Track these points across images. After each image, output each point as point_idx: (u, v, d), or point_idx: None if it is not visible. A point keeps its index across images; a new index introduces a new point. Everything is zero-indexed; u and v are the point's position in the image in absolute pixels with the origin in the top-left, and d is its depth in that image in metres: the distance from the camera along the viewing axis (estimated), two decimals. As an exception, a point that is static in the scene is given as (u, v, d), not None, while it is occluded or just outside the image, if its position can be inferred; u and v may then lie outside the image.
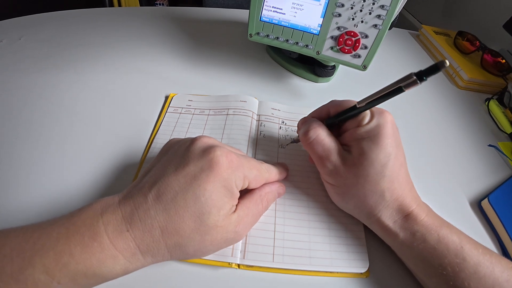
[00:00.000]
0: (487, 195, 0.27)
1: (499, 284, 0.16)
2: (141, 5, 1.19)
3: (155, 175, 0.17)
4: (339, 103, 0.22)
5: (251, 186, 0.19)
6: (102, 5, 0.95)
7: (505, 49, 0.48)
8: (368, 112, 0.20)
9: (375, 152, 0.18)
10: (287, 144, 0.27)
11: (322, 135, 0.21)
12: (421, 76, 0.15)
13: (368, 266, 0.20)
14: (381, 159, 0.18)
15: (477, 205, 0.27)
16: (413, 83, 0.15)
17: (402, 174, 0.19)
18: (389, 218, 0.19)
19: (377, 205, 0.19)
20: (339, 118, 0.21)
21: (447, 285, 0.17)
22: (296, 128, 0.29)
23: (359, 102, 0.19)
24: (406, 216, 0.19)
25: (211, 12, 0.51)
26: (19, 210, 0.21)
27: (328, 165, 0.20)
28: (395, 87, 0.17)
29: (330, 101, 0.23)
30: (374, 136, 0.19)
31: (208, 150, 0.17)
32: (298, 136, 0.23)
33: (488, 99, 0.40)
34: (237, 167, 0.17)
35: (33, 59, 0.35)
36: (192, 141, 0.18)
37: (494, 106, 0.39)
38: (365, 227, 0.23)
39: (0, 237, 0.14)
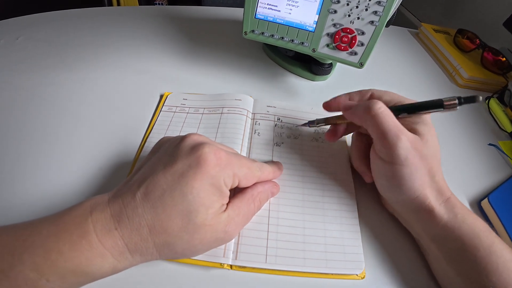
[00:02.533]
0: (487, 195, 0.26)
1: None
2: (140, 4, 1.19)
3: (144, 173, 0.17)
4: (381, 95, 0.23)
5: (242, 185, 0.19)
6: (101, 4, 0.95)
7: (506, 47, 0.47)
8: None
9: (432, 135, 0.20)
10: (303, 124, 0.27)
11: (388, 109, 0.20)
12: (461, 101, 0.18)
13: (364, 267, 0.20)
14: (435, 141, 0.20)
15: (477, 205, 0.26)
16: (453, 106, 0.19)
17: (440, 162, 0.21)
18: (435, 200, 0.20)
19: (427, 185, 0.20)
20: (408, 111, 0.21)
21: (478, 269, 0.17)
22: (292, 125, 0.29)
23: (401, 109, 0.21)
24: (448, 199, 0.20)
25: (209, 11, 0.50)
26: (12, 208, 0.21)
27: (403, 141, 0.19)
28: (437, 102, 0.19)
29: (371, 89, 0.23)
30: (427, 121, 0.21)
31: (196, 147, 0.17)
32: (348, 112, 0.22)
33: (488, 98, 0.40)
34: (226, 164, 0.17)
35: (30, 59, 0.35)
36: (182, 138, 0.18)
37: (494, 104, 0.38)
38: (361, 228, 0.22)
39: None
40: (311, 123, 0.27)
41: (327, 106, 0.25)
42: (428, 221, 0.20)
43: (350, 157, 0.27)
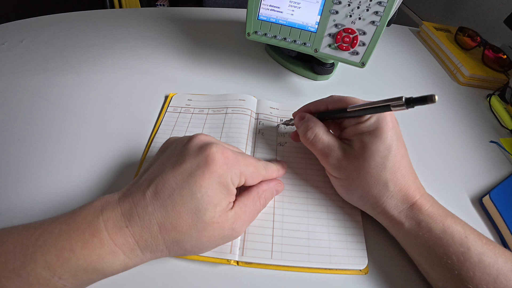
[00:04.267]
0: (488, 192, 0.27)
1: (503, 273, 0.16)
2: (142, 5, 1.19)
3: (153, 172, 0.17)
4: (338, 99, 0.22)
5: (248, 183, 0.19)
6: (103, 6, 0.95)
7: (507, 44, 0.47)
8: None
9: (375, 145, 0.19)
10: (282, 123, 0.28)
11: (320, 133, 0.22)
12: (410, 103, 0.16)
13: (367, 262, 0.21)
14: (381, 151, 0.19)
15: (478, 202, 0.27)
16: (400, 106, 0.17)
17: (404, 165, 0.20)
18: (394, 208, 0.19)
19: (381, 195, 0.19)
20: (330, 116, 0.23)
21: (451, 275, 0.17)
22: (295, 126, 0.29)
23: (350, 107, 0.21)
24: (411, 206, 0.19)
25: (211, 12, 0.51)
26: (22, 208, 0.22)
27: (331, 160, 0.21)
28: (383, 104, 0.18)
29: (330, 96, 0.23)
30: (374, 130, 0.20)
31: (204, 147, 0.17)
32: (298, 133, 0.24)
33: (489, 95, 0.40)
34: (233, 163, 0.17)
35: (34, 61, 0.35)
36: (189, 139, 0.18)
37: (495, 102, 0.39)
38: (364, 223, 0.23)
39: (3, 234, 0.15)
40: (290, 121, 0.27)
41: (293, 114, 0.26)
42: (391, 226, 0.20)
43: None
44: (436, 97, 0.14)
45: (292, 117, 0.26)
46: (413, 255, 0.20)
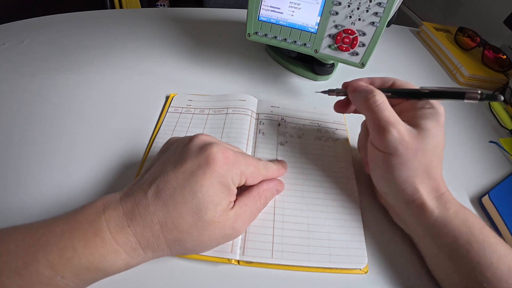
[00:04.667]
0: (487, 192, 0.27)
1: None
2: (142, 6, 1.19)
3: (155, 172, 0.17)
4: (403, 84, 0.23)
5: (249, 183, 0.19)
6: (104, 7, 0.96)
7: (507, 44, 0.47)
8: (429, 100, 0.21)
9: (436, 131, 0.20)
10: (321, 91, 0.26)
11: (387, 102, 0.21)
12: (483, 96, 0.18)
13: (367, 262, 0.21)
14: (438, 139, 0.20)
15: (477, 202, 0.27)
16: (474, 99, 0.19)
17: (441, 159, 0.21)
18: (428, 194, 0.20)
19: (423, 180, 0.20)
20: (406, 95, 0.22)
21: (472, 264, 0.18)
22: (296, 125, 0.29)
23: (422, 88, 0.21)
24: (441, 195, 0.20)
25: (211, 12, 0.51)
26: (23, 208, 0.22)
27: (394, 132, 0.19)
28: (459, 91, 0.19)
29: (392, 78, 0.24)
30: (436, 117, 0.20)
31: (205, 147, 0.17)
32: (351, 96, 0.23)
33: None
34: (233, 163, 0.18)
35: (35, 61, 0.36)
36: (190, 139, 0.19)
37: (495, 102, 0.39)
38: (364, 223, 0.23)
39: (6, 234, 0.15)
40: (331, 91, 0.26)
41: (344, 85, 0.25)
42: (419, 215, 0.20)
43: (358, 147, 0.27)
44: (502, 97, 0.18)
45: (341, 89, 0.25)
46: (434, 251, 0.20)
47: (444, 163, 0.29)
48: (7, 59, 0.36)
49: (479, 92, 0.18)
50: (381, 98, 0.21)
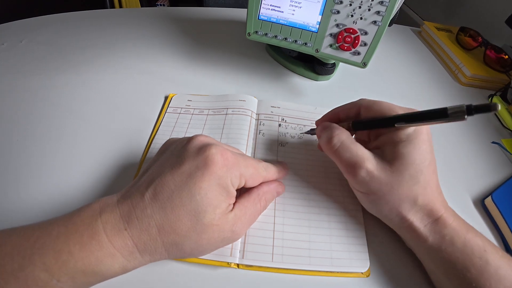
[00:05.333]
0: (490, 193, 0.26)
1: None
2: (142, 5, 1.19)
3: (152, 174, 0.17)
4: (371, 104, 0.21)
5: (248, 185, 0.19)
6: (103, 6, 0.95)
7: (508, 44, 0.47)
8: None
9: (412, 156, 0.18)
10: (303, 133, 0.27)
11: (347, 141, 0.20)
12: (471, 111, 0.15)
13: (368, 265, 0.20)
14: (417, 164, 0.18)
15: (480, 203, 0.26)
16: (461, 117, 0.15)
17: (433, 180, 0.19)
18: (420, 222, 0.19)
19: (409, 209, 0.19)
20: (370, 127, 0.20)
21: (470, 286, 0.17)
22: (296, 125, 0.29)
23: (397, 122, 0.19)
24: (436, 220, 0.19)
25: (211, 12, 0.51)
26: (22, 209, 0.22)
27: (361, 173, 0.19)
28: (440, 113, 0.17)
29: (360, 100, 0.22)
30: (412, 140, 0.19)
31: (203, 148, 0.17)
32: (320, 142, 0.22)
33: (491, 96, 0.40)
34: (232, 165, 0.17)
35: (34, 61, 0.35)
36: (188, 140, 0.18)
37: (497, 102, 0.38)
38: (366, 226, 0.22)
39: (2, 236, 0.15)
40: (312, 130, 0.26)
41: (316, 123, 0.25)
42: (414, 240, 0.20)
43: None
44: (499, 106, 0.14)
45: (315, 126, 0.24)
46: (432, 267, 0.20)
47: (446, 164, 0.29)
48: (6, 59, 0.35)
49: (465, 106, 0.15)
50: (338, 141, 0.20)
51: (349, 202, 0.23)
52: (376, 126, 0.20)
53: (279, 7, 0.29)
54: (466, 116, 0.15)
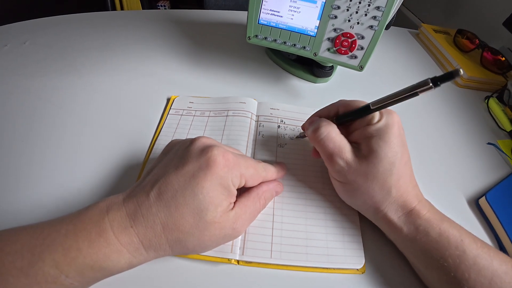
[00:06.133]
0: (484, 193, 0.27)
1: (498, 275, 0.17)
2: (143, 7, 1.20)
3: (157, 174, 0.18)
4: (348, 102, 0.22)
5: (248, 184, 0.20)
6: (105, 8, 0.96)
7: (505, 46, 0.48)
8: (377, 112, 0.21)
9: (384, 151, 0.19)
10: (296, 137, 0.28)
11: (333, 132, 0.21)
12: (436, 82, 0.16)
13: (364, 262, 0.21)
14: (389, 158, 0.19)
15: (474, 203, 0.27)
16: (428, 88, 0.17)
17: (407, 172, 0.20)
18: (394, 213, 0.20)
19: (383, 201, 0.20)
20: (350, 117, 0.22)
21: (447, 277, 0.18)
22: (295, 127, 0.30)
23: (372, 104, 0.20)
24: (410, 212, 0.20)
25: (211, 14, 0.51)
26: (29, 209, 0.22)
27: (340, 162, 0.20)
28: (411, 92, 0.18)
29: (339, 101, 0.23)
30: (383, 134, 0.20)
31: (206, 150, 0.18)
32: (305, 133, 0.24)
33: (487, 97, 0.40)
34: (233, 165, 0.18)
35: (37, 63, 0.36)
36: (191, 141, 0.19)
37: (493, 104, 0.39)
38: (361, 224, 0.23)
39: (12, 234, 0.15)
40: (302, 133, 0.27)
41: (302, 127, 0.26)
42: (390, 231, 0.20)
43: None
44: (461, 71, 0.15)
45: (302, 130, 0.26)
46: (411, 258, 0.20)
47: (441, 165, 0.30)
48: (9, 60, 0.36)
49: (429, 80, 0.16)
50: (325, 130, 0.21)
51: (346, 201, 0.24)
52: (356, 116, 0.22)
53: (278, 12, 0.30)
54: (433, 87, 0.16)
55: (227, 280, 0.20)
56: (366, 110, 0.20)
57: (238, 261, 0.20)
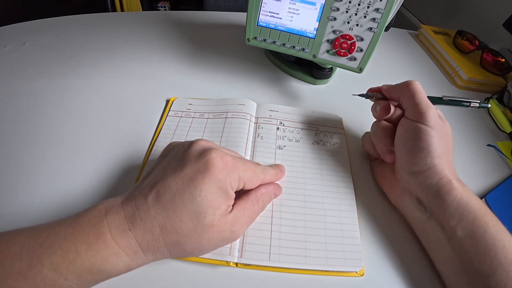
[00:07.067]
0: (484, 195, 0.27)
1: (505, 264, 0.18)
2: (143, 8, 1.20)
3: (155, 177, 0.18)
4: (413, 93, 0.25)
5: (247, 187, 0.20)
6: (105, 9, 0.96)
7: (505, 47, 0.48)
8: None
9: (448, 125, 0.23)
10: (367, 97, 0.27)
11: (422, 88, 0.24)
12: (479, 104, 0.25)
13: (363, 265, 0.21)
14: (450, 131, 0.23)
15: (474, 205, 0.27)
16: (474, 106, 0.25)
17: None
18: (451, 174, 0.21)
19: (447, 160, 0.22)
20: (456, 103, 0.26)
21: (487, 247, 0.18)
22: (294, 128, 0.30)
23: (444, 96, 0.26)
24: (458, 178, 0.22)
25: (211, 16, 0.51)
26: (25, 212, 0.22)
27: (434, 110, 0.23)
28: (467, 100, 0.25)
29: (410, 84, 0.25)
30: (444, 119, 0.24)
31: (204, 152, 0.18)
32: (397, 89, 0.25)
33: (487, 99, 0.40)
34: (232, 168, 0.18)
35: (37, 64, 0.36)
36: (190, 144, 0.19)
37: (493, 105, 0.39)
38: (361, 227, 0.23)
39: (10, 237, 0.15)
40: (370, 96, 0.27)
41: (372, 90, 0.27)
42: (446, 194, 0.20)
43: (364, 146, 0.28)
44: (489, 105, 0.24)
45: (371, 93, 0.27)
46: (456, 228, 0.20)
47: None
48: (8, 61, 0.36)
49: (479, 102, 0.24)
50: (418, 87, 0.24)
51: (345, 203, 0.24)
52: (458, 104, 0.26)
53: (277, 13, 0.30)
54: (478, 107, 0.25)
55: (225, 283, 0.20)
56: (465, 102, 0.26)
57: (236, 264, 0.20)
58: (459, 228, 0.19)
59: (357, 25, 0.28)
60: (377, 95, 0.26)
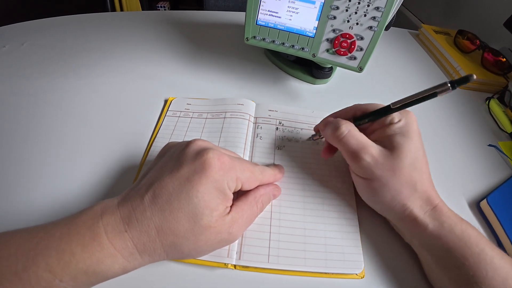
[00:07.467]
0: (486, 196, 0.27)
1: (511, 277, 0.17)
2: (142, 8, 1.20)
3: (152, 177, 0.18)
4: (365, 106, 0.23)
5: (245, 188, 0.19)
6: (104, 9, 0.96)
7: (506, 47, 0.47)
8: (397, 112, 0.21)
9: (408, 146, 0.20)
10: (308, 139, 0.28)
11: (354, 130, 0.22)
12: (454, 84, 0.18)
13: (363, 267, 0.21)
14: (413, 153, 0.20)
15: (475, 206, 0.27)
16: (446, 90, 0.19)
17: (426, 169, 0.21)
18: (420, 209, 0.20)
19: (410, 196, 0.20)
20: (371, 117, 0.22)
21: (467, 276, 0.18)
22: (293, 129, 0.30)
23: (393, 104, 0.21)
24: (434, 208, 0.20)
25: (211, 15, 0.51)
26: (22, 212, 0.22)
27: (366, 158, 0.20)
28: (430, 93, 0.19)
29: (354, 105, 0.24)
30: (405, 132, 0.21)
31: (201, 152, 0.18)
32: (321, 134, 0.24)
33: (488, 98, 0.40)
34: (229, 168, 0.18)
35: (35, 64, 0.36)
36: (187, 144, 0.19)
37: (494, 105, 0.39)
38: (361, 228, 0.23)
39: (6, 238, 0.15)
40: (314, 136, 0.27)
41: (316, 129, 0.27)
42: (414, 229, 0.20)
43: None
44: (475, 76, 0.17)
45: (313, 131, 0.27)
46: (429, 259, 0.20)
47: (442, 166, 0.30)
48: (7, 61, 0.36)
49: (448, 82, 0.18)
50: (346, 129, 0.22)
51: (345, 204, 0.24)
52: (376, 116, 0.22)
53: (276, 12, 0.29)
54: (451, 89, 0.19)
55: (223, 285, 0.20)
56: (387, 110, 0.21)
57: (234, 266, 0.20)
58: (431, 259, 0.20)
59: (357, 24, 0.28)
60: (318, 134, 0.26)
